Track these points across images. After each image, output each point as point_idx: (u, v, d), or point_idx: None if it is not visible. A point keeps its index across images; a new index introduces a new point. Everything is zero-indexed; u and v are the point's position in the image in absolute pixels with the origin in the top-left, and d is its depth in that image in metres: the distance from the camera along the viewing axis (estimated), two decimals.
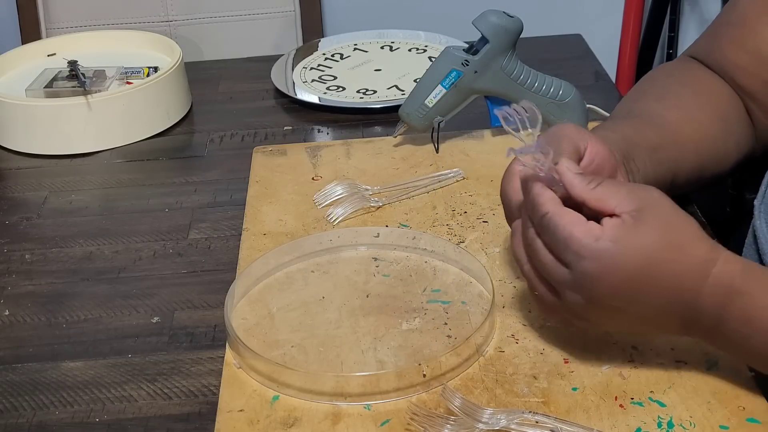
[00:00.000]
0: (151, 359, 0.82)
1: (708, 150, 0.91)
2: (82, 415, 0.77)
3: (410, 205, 1.00)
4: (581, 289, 0.69)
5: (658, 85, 0.96)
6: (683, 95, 0.93)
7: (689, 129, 0.90)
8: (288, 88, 1.30)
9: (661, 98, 0.93)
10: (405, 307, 0.84)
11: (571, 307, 0.71)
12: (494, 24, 1.06)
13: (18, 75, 1.31)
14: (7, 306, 0.90)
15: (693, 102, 0.92)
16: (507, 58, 1.07)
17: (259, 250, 0.93)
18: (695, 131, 0.90)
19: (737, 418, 0.70)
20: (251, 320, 0.84)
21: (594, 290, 0.69)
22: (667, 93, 0.94)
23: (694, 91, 0.94)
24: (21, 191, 1.12)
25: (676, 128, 0.89)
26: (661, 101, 0.92)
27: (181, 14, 1.90)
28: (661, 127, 0.89)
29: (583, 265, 0.68)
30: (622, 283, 0.68)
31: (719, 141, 0.92)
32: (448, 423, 0.70)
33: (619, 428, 0.70)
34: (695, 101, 0.93)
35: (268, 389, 0.76)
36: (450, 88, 1.08)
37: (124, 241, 0.99)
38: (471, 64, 1.07)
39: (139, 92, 1.21)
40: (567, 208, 0.70)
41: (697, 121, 0.91)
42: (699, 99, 0.93)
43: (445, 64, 1.08)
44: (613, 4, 2.12)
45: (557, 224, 0.69)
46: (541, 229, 0.71)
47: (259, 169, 1.09)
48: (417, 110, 1.09)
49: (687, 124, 0.90)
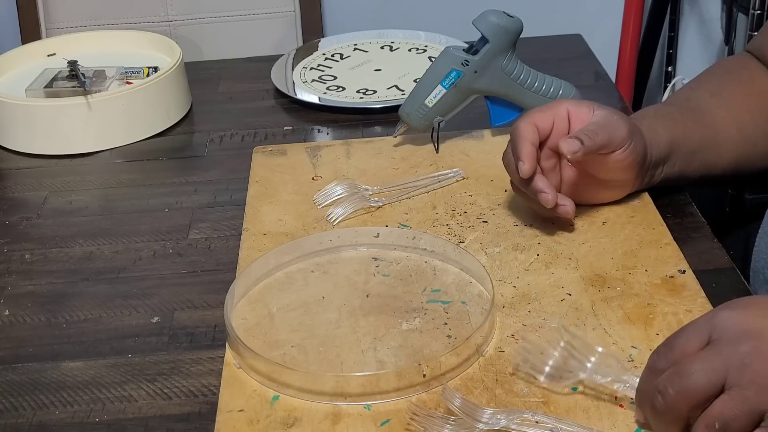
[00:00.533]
0: (151, 359, 0.82)
1: (747, 152, 0.98)
2: (82, 415, 0.77)
3: (410, 205, 1.00)
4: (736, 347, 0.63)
5: (714, 81, 1.02)
6: (735, 95, 0.99)
7: (733, 130, 0.97)
8: (288, 88, 1.30)
9: (715, 94, 0.99)
10: (405, 307, 0.84)
11: None
12: (494, 24, 1.06)
13: (18, 75, 1.31)
14: (7, 306, 0.90)
15: (743, 102, 0.98)
16: (507, 58, 1.07)
17: (259, 250, 0.93)
18: (738, 132, 0.97)
19: None
20: (251, 320, 0.84)
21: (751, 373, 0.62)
22: (722, 90, 1.00)
23: (746, 91, 0.99)
24: (21, 191, 1.12)
25: (721, 128, 0.96)
26: (715, 97, 0.98)
27: (181, 14, 1.90)
28: (707, 127, 0.96)
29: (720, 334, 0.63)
30: None
31: (760, 143, 0.98)
32: (448, 423, 0.70)
33: (619, 428, 0.70)
34: (745, 102, 0.98)
35: (268, 389, 0.76)
36: (450, 88, 1.08)
37: (124, 241, 0.99)
38: (471, 64, 1.07)
39: (139, 92, 1.21)
40: None
41: (743, 122, 0.97)
42: (749, 99, 0.99)
43: (445, 64, 1.08)
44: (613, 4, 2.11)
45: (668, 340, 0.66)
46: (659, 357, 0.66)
47: (259, 169, 1.09)
48: (417, 110, 1.09)
49: (732, 125, 0.97)
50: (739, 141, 0.97)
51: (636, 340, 0.78)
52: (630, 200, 0.96)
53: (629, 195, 0.97)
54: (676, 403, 0.63)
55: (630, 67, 2.10)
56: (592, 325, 0.80)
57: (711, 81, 1.02)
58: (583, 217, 0.94)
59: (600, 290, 0.84)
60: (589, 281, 0.86)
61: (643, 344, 0.78)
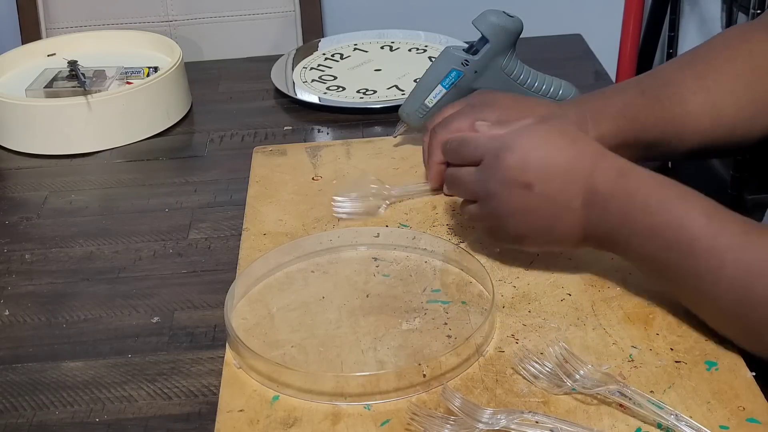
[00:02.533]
0: (151, 359, 0.82)
1: (721, 136, 0.97)
2: (82, 415, 0.77)
3: (410, 205, 1.00)
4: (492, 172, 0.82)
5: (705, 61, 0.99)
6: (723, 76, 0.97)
7: (706, 120, 0.96)
8: (288, 88, 1.30)
9: (700, 76, 0.97)
10: (405, 307, 0.84)
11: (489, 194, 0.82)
12: (494, 24, 1.05)
13: (18, 75, 1.31)
14: (7, 306, 0.90)
15: (729, 84, 0.96)
16: (507, 58, 1.07)
17: (259, 250, 0.93)
18: (712, 120, 0.96)
19: (737, 418, 0.70)
20: (251, 320, 0.84)
21: (501, 170, 0.81)
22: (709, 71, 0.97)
23: (737, 71, 0.97)
24: (21, 191, 1.12)
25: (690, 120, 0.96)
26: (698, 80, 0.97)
27: (181, 14, 1.90)
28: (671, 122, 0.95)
29: (490, 152, 0.82)
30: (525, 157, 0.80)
31: (738, 129, 0.97)
32: (448, 423, 0.70)
33: (619, 428, 0.70)
34: (733, 83, 0.97)
35: (268, 389, 0.76)
36: (450, 88, 1.07)
37: (124, 241, 0.99)
38: (471, 64, 1.07)
39: (139, 92, 1.21)
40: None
41: (722, 108, 0.96)
42: (738, 81, 0.97)
43: (445, 64, 1.08)
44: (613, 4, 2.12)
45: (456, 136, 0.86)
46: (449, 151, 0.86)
47: (259, 169, 1.09)
48: (417, 110, 1.09)
49: (706, 114, 0.96)
50: (711, 128, 0.96)
51: (636, 340, 0.78)
52: None
53: None
54: None
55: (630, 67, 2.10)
56: (592, 325, 0.80)
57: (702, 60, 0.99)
58: None
59: (600, 290, 0.84)
60: (589, 281, 0.86)
61: (643, 344, 0.78)
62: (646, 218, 0.77)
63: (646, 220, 0.77)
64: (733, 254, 0.73)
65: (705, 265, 0.74)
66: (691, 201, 0.77)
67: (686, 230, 0.75)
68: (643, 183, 0.78)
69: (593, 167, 0.79)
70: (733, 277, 0.73)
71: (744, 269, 0.72)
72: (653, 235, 0.77)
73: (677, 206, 0.76)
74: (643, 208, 0.77)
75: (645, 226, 0.77)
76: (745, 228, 0.74)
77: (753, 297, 0.72)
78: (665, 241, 0.76)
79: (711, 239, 0.74)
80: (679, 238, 0.75)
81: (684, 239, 0.75)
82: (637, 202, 0.77)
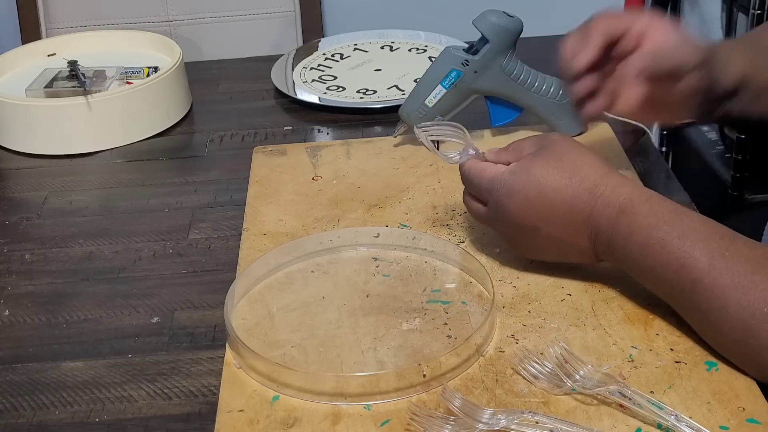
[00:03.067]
0: (151, 359, 0.82)
1: None
2: (82, 415, 0.77)
3: (410, 205, 1.00)
4: (498, 215, 0.84)
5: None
6: None
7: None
8: (288, 88, 1.30)
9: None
10: (405, 307, 0.84)
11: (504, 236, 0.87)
12: (494, 24, 1.05)
13: (18, 75, 1.31)
14: (7, 306, 0.90)
15: None
16: (507, 58, 1.07)
17: (259, 250, 0.93)
18: None
19: (737, 418, 0.70)
20: (251, 320, 0.84)
21: (506, 214, 0.83)
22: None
23: None
24: (21, 191, 1.12)
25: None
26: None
27: (181, 14, 1.90)
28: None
29: (493, 196, 0.83)
30: (525, 205, 0.81)
31: None
32: (448, 423, 0.70)
33: (619, 428, 0.70)
34: None
35: (268, 389, 0.76)
36: (450, 88, 1.08)
37: (124, 241, 0.99)
38: (471, 64, 1.07)
39: (139, 92, 1.21)
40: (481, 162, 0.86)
41: None
42: None
43: (445, 64, 1.08)
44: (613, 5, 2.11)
45: (471, 169, 0.85)
46: (466, 181, 0.86)
47: (259, 169, 1.09)
48: (417, 110, 1.09)
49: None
50: None
51: (636, 340, 0.78)
52: None
53: None
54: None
55: None
56: (592, 326, 0.80)
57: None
58: None
59: (600, 290, 0.84)
60: (589, 281, 0.86)
61: (643, 344, 0.78)
62: (648, 260, 0.76)
63: (647, 262, 0.77)
64: (736, 296, 0.71)
65: (707, 306, 0.73)
66: (693, 240, 0.75)
67: (688, 271, 0.74)
68: (643, 221, 0.77)
69: (593, 206, 0.79)
70: (736, 319, 0.72)
71: (748, 312, 0.71)
72: (654, 274, 0.77)
73: (678, 247, 0.75)
74: (642, 249, 0.77)
75: (646, 266, 0.77)
76: (751, 267, 0.72)
77: (757, 340, 0.71)
78: (667, 281, 0.76)
79: (713, 280, 0.73)
80: (681, 278, 0.74)
81: (686, 279, 0.74)
82: (636, 243, 0.77)
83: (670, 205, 0.78)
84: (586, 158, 0.82)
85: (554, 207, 0.80)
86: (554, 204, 0.80)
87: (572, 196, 0.80)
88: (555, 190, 0.80)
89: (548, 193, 0.80)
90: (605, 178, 0.80)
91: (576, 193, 0.80)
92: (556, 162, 0.81)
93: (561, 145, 0.83)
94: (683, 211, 0.77)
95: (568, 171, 0.80)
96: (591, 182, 0.80)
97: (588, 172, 0.80)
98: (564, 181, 0.80)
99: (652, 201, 0.78)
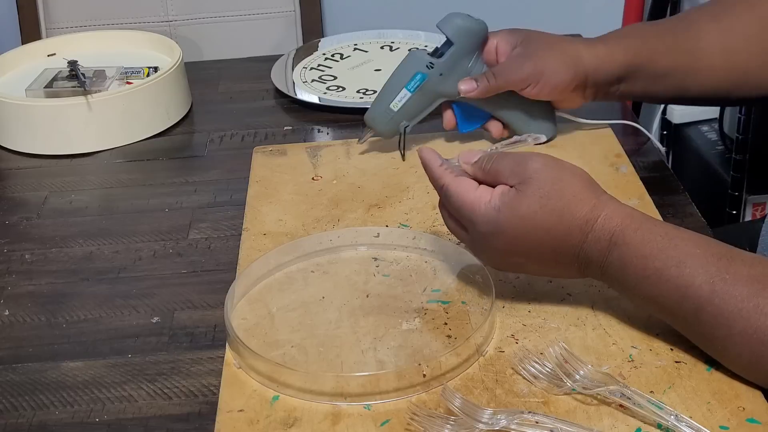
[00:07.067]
0: (151, 359, 0.82)
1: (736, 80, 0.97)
2: (82, 415, 0.77)
3: (410, 205, 1.00)
4: (481, 245, 0.80)
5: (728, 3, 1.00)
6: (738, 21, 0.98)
7: (718, 59, 0.97)
8: (288, 88, 1.30)
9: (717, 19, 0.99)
10: (405, 307, 0.84)
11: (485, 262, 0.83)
12: (459, 26, 1.04)
13: (18, 75, 1.31)
14: (7, 306, 0.90)
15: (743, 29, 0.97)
16: (473, 60, 1.05)
17: (259, 250, 0.93)
18: (725, 61, 0.97)
19: (737, 418, 0.70)
20: (251, 320, 0.84)
21: (489, 248, 0.80)
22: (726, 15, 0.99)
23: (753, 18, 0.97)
24: (21, 191, 1.12)
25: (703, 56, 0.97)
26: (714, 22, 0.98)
27: (181, 14, 1.90)
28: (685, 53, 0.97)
29: (476, 228, 0.79)
30: (512, 243, 0.78)
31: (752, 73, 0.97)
32: (448, 423, 0.70)
33: (619, 428, 0.70)
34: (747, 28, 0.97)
35: (268, 389, 0.76)
36: (415, 91, 1.06)
37: (124, 241, 0.99)
38: (436, 66, 1.05)
39: (139, 92, 1.21)
40: (462, 178, 0.80)
41: (736, 50, 0.97)
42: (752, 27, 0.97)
43: (410, 67, 1.06)
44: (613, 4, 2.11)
45: (451, 193, 0.80)
46: (444, 199, 0.82)
47: (259, 169, 1.09)
48: (382, 115, 1.07)
49: (719, 54, 0.97)
50: (725, 69, 0.97)
51: (636, 340, 0.78)
52: (630, 200, 0.96)
53: (629, 195, 0.97)
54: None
55: None
56: (592, 325, 0.80)
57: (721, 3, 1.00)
58: None
59: (600, 290, 0.84)
60: (589, 281, 0.86)
61: (643, 344, 0.78)
62: (646, 289, 0.74)
63: (645, 291, 0.74)
64: (741, 323, 0.70)
65: (712, 333, 0.72)
66: (691, 267, 0.72)
67: (690, 300, 0.72)
68: (637, 252, 0.74)
69: (582, 241, 0.76)
70: (743, 345, 0.70)
71: (756, 339, 0.69)
72: (655, 303, 0.75)
73: (677, 276, 0.72)
74: (639, 281, 0.74)
75: (645, 295, 0.75)
76: (753, 290, 0.70)
77: (765, 365, 0.70)
78: (668, 308, 0.74)
79: (716, 308, 0.71)
80: (682, 306, 0.72)
81: (689, 308, 0.72)
82: (630, 275, 0.74)
83: (661, 229, 0.75)
84: (573, 188, 0.76)
85: (543, 245, 0.77)
86: (543, 242, 0.77)
87: (562, 234, 0.76)
88: (544, 230, 0.76)
89: (536, 233, 0.76)
90: (595, 211, 0.76)
91: (566, 231, 0.76)
92: (543, 200, 0.76)
93: (544, 176, 0.77)
94: (676, 235, 0.74)
95: (557, 211, 0.76)
96: (581, 219, 0.76)
97: (577, 209, 0.76)
98: (553, 221, 0.76)
99: (644, 228, 0.74)
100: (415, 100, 1.06)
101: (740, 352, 0.71)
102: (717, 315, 0.71)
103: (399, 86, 1.06)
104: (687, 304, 0.72)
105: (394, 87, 1.06)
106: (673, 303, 0.73)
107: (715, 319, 0.71)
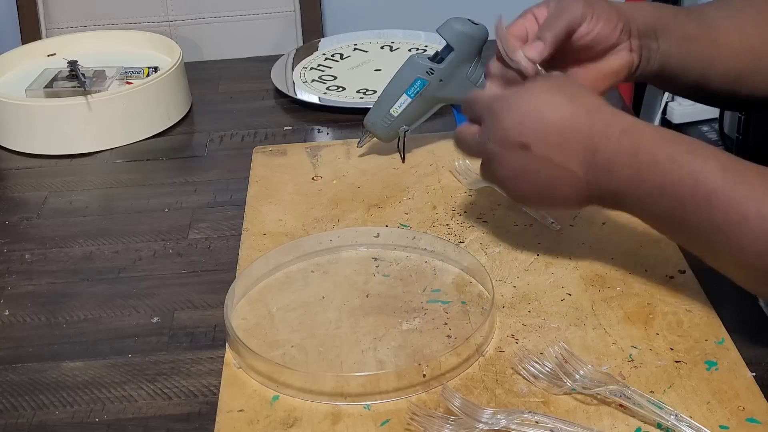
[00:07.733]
0: (151, 359, 0.82)
1: (749, 63, 0.93)
2: (82, 415, 0.77)
3: (410, 205, 1.00)
4: (490, 133, 0.80)
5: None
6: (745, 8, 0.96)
7: (735, 37, 0.93)
8: (288, 88, 1.30)
9: (721, 7, 0.96)
10: (405, 307, 0.84)
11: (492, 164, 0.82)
12: (458, 32, 1.04)
13: (18, 75, 1.31)
14: (7, 306, 0.90)
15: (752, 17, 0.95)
16: (473, 66, 1.05)
17: (259, 250, 0.93)
18: (741, 41, 0.93)
19: (737, 418, 0.70)
20: (251, 320, 0.84)
21: (499, 130, 0.80)
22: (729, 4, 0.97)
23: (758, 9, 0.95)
24: (21, 191, 1.12)
25: (720, 31, 0.93)
26: (720, 9, 0.96)
27: (181, 14, 1.90)
28: (704, 26, 0.93)
29: (491, 109, 0.80)
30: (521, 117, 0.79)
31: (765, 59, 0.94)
32: (448, 423, 0.70)
33: (619, 428, 0.70)
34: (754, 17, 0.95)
35: (268, 389, 0.76)
36: (415, 97, 1.06)
37: (124, 241, 0.99)
38: (436, 72, 1.05)
39: (139, 92, 1.21)
40: None
41: (748, 33, 0.93)
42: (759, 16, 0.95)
43: (410, 73, 1.06)
44: None
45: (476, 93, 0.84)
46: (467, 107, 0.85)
47: (259, 169, 1.09)
48: (382, 120, 1.07)
49: (734, 32, 0.94)
50: (741, 49, 0.94)
51: (636, 340, 0.78)
52: None
53: None
54: None
55: None
56: (592, 325, 0.80)
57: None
58: (583, 217, 0.94)
59: (600, 290, 0.84)
60: (589, 281, 0.86)
61: (643, 344, 0.78)
62: (657, 177, 0.74)
63: (656, 180, 0.74)
64: (755, 206, 0.70)
65: (725, 219, 0.71)
66: (703, 154, 0.73)
67: (702, 185, 0.71)
68: (649, 139, 0.75)
69: (591, 125, 0.77)
70: (757, 230, 0.70)
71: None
72: (665, 193, 0.74)
73: (690, 161, 0.73)
74: (651, 167, 0.74)
75: (655, 185, 0.74)
76: (764, 178, 0.71)
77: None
78: (679, 199, 0.73)
79: (730, 192, 0.71)
80: (695, 194, 0.72)
81: (701, 194, 0.72)
82: (644, 161, 0.74)
83: (672, 131, 0.76)
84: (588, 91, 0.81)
85: (550, 122, 0.78)
86: (550, 119, 0.78)
87: (570, 114, 0.77)
88: (553, 105, 0.78)
89: (545, 108, 0.78)
90: (606, 106, 0.78)
91: (575, 111, 0.77)
92: (558, 86, 0.80)
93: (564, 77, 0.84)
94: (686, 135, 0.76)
95: (569, 93, 0.79)
96: (591, 104, 0.78)
97: (589, 98, 0.79)
98: (563, 100, 0.78)
99: (654, 126, 0.77)
100: (415, 106, 1.06)
101: (755, 237, 0.70)
102: (731, 200, 0.70)
103: (399, 92, 1.06)
104: (699, 191, 0.72)
105: (394, 92, 1.07)
106: (685, 190, 0.72)
107: (728, 205, 0.71)
